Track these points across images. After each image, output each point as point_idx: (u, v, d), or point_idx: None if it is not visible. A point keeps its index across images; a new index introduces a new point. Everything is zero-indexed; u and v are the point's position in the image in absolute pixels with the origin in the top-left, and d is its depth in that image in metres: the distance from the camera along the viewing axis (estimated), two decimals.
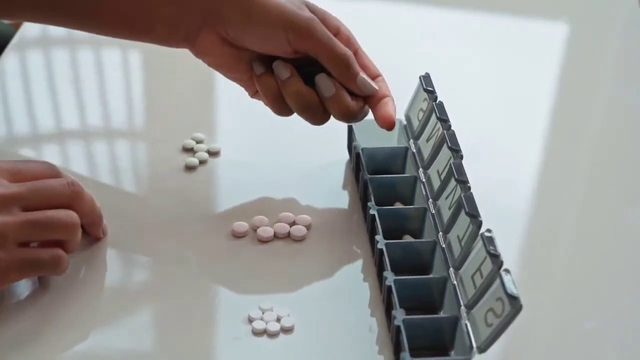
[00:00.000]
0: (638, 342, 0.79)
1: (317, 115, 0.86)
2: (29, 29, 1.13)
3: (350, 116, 0.85)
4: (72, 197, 0.78)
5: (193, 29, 0.84)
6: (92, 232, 0.82)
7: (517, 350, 0.77)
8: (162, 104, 1.03)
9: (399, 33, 1.17)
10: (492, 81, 1.10)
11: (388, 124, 0.85)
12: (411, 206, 0.86)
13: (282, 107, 0.86)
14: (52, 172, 0.79)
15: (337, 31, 0.87)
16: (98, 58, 1.09)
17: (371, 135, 0.92)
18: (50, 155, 0.94)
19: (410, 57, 1.10)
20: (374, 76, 0.87)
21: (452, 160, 0.81)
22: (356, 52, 0.88)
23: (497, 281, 0.71)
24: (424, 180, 0.86)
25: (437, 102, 0.87)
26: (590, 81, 1.12)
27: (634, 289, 0.84)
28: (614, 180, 0.97)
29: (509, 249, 0.84)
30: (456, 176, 0.79)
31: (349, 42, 0.87)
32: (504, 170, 0.96)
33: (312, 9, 0.86)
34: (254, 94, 0.88)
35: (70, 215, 0.77)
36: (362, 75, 0.85)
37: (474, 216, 0.76)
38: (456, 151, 0.82)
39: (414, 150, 0.90)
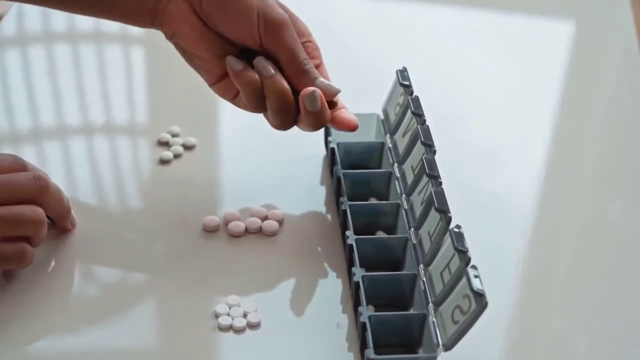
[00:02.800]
0: (610, 340, 0.78)
1: (290, 117, 0.84)
2: (31, 24, 1.13)
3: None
4: (38, 191, 0.77)
5: None
6: (60, 225, 0.82)
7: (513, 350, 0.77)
8: (143, 97, 1.03)
9: (404, 31, 1.16)
10: (497, 79, 1.09)
11: (352, 126, 0.84)
12: (384, 202, 0.85)
13: (260, 104, 0.84)
14: (19, 165, 0.78)
15: (307, 39, 0.85)
16: (85, 51, 1.10)
17: None
18: (29, 146, 0.95)
19: (415, 55, 1.10)
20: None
21: (424, 156, 0.80)
22: (319, 65, 0.86)
23: (465, 278, 0.70)
24: (398, 175, 0.86)
25: (413, 96, 0.86)
26: (594, 80, 1.11)
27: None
28: (616, 180, 0.96)
29: (511, 246, 0.86)
30: (427, 171, 0.78)
31: (314, 52, 0.85)
32: (508, 168, 0.95)
33: (288, 13, 0.84)
34: (213, 82, 0.85)
35: (36, 212, 0.76)
36: (322, 79, 0.83)
37: (444, 212, 0.75)
38: (429, 146, 0.81)
39: (390, 145, 0.89)
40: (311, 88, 0.81)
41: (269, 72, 0.82)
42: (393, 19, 1.18)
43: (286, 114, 0.83)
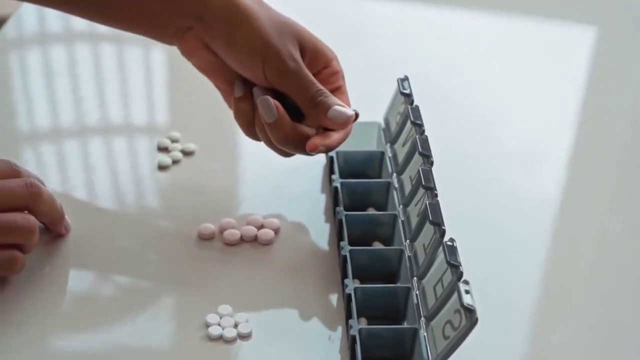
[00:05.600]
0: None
1: (284, 152, 0.84)
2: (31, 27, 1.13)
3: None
4: (30, 198, 0.76)
5: (182, 29, 0.82)
6: (53, 230, 0.81)
7: None
8: (145, 101, 1.02)
9: (424, 35, 1.16)
10: (519, 84, 1.08)
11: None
12: (381, 212, 0.84)
13: (254, 133, 0.84)
14: (12, 171, 0.77)
15: (327, 65, 0.85)
16: (85, 54, 1.09)
17: (349, 138, 0.90)
18: (25, 149, 0.94)
19: (435, 60, 1.10)
20: None
21: (421, 167, 0.79)
22: (338, 88, 0.85)
23: (456, 293, 0.69)
24: (397, 185, 0.85)
25: (413, 105, 0.85)
26: (617, 86, 1.10)
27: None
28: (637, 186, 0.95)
29: (533, 246, 0.86)
30: (423, 183, 0.77)
31: (333, 77, 0.85)
32: (528, 174, 0.94)
33: (303, 38, 0.83)
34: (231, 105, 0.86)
35: (27, 220, 0.76)
36: (335, 107, 0.81)
37: (438, 224, 0.74)
38: (427, 157, 0.80)
39: (390, 155, 0.88)
40: (312, 144, 0.81)
41: (270, 118, 0.81)
42: (408, 23, 1.18)
43: (279, 151, 0.84)
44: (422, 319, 0.73)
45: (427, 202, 0.75)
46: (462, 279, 0.69)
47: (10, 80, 1.05)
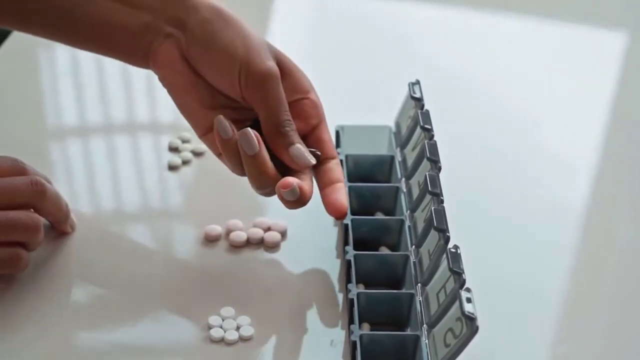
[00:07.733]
0: None
1: (272, 190, 0.79)
2: None
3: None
4: (34, 196, 0.76)
5: (158, 39, 0.79)
6: (58, 228, 0.81)
7: None
8: (159, 101, 1.02)
9: (439, 38, 1.16)
10: (534, 91, 1.07)
11: (338, 213, 0.79)
12: (388, 217, 0.83)
13: (242, 172, 0.79)
14: (17, 168, 0.77)
15: (305, 96, 0.81)
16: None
17: (360, 141, 0.90)
18: (41, 148, 0.94)
19: (450, 64, 1.09)
20: (328, 156, 0.81)
21: (428, 172, 0.79)
22: (319, 125, 0.81)
23: (458, 300, 0.68)
24: (405, 190, 0.84)
25: (423, 110, 0.85)
26: None
27: None
28: None
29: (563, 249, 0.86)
30: (430, 188, 0.77)
31: (311, 110, 0.81)
32: (541, 181, 0.94)
33: (284, 65, 0.79)
34: (203, 134, 0.80)
35: (32, 217, 0.76)
36: (299, 145, 0.78)
37: (442, 231, 0.73)
38: (434, 162, 0.79)
39: (400, 159, 0.87)
40: (290, 182, 0.76)
41: (252, 150, 0.76)
42: (423, 25, 1.17)
43: (267, 190, 0.79)
44: (425, 325, 0.72)
45: (433, 208, 0.75)
46: (465, 286, 0.69)
47: (18, 77, 1.06)
